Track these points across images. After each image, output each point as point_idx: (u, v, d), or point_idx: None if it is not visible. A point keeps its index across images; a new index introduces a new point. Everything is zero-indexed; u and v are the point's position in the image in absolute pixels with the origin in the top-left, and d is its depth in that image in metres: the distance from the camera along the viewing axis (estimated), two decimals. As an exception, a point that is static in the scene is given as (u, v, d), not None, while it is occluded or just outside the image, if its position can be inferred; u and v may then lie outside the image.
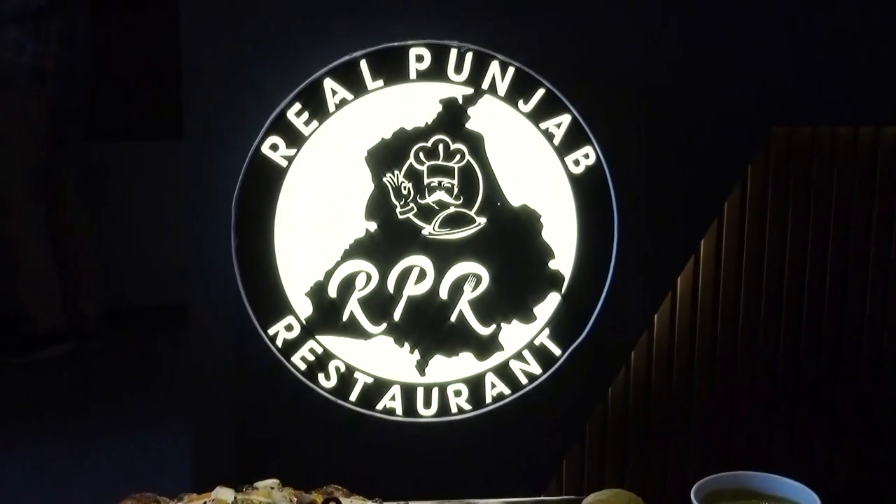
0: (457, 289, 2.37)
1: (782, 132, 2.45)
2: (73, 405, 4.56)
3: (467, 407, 2.39)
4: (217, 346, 2.41)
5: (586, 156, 2.33)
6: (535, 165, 2.35)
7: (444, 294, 2.37)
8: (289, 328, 2.34)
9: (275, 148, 2.29)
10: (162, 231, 5.36)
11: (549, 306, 2.38)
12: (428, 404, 2.38)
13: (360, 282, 2.35)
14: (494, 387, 2.39)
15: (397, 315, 2.36)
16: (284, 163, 2.30)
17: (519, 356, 2.39)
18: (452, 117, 2.32)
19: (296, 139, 2.29)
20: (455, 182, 2.34)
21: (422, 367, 2.38)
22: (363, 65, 2.28)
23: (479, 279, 2.37)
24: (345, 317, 2.35)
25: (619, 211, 2.34)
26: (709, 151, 2.44)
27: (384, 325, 2.37)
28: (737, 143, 2.45)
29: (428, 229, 2.35)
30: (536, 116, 2.31)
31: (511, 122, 2.32)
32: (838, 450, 2.57)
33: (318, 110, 2.28)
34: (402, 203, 2.34)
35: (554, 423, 2.47)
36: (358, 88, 2.29)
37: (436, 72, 2.29)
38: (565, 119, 2.31)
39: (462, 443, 2.42)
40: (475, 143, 2.33)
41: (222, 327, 2.39)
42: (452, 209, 2.35)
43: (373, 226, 2.34)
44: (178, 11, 2.32)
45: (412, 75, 2.29)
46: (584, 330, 2.38)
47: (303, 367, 2.35)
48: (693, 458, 2.52)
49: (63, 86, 4.85)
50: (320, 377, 2.36)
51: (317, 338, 2.35)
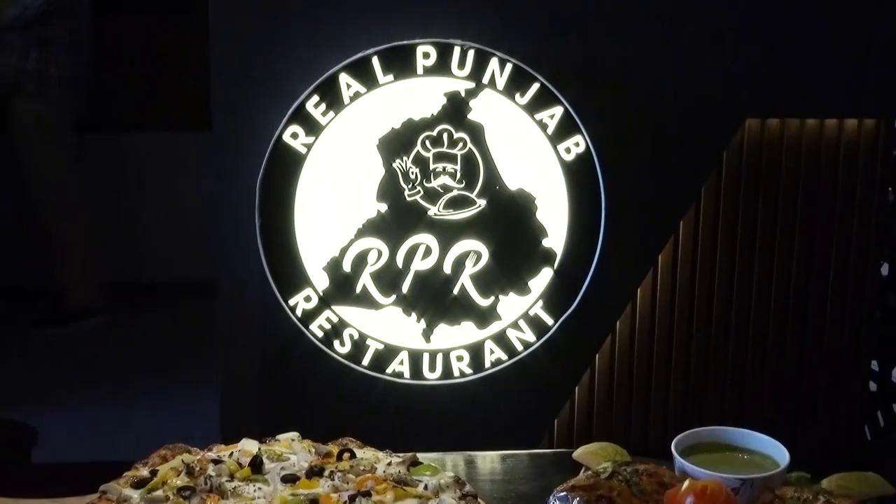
0: (459, 264, 2.37)
1: (754, 123, 2.44)
2: (118, 369, 4.61)
3: (468, 371, 2.39)
4: (243, 315, 2.41)
5: (577, 144, 2.32)
6: (531, 153, 2.34)
7: (447, 269, 2.37)
8: (307, 299, 2.34)
9: (295, 136, 2.28)
10: (193, 213, 5.37)
11: (542, 280, 2.38)
12: (433, 368, 2.39)
13: (372, 257, 2.35)
14: (493, 353, 2.39)
15: (405, 288, 2.36)
16: (304, 150, 2.29)
17: (515, 325, 2.39)
18: (456, 109, 2.31)
19: (314, 128, 2.29)
20: (458, 167, 2.33)
21: (427, 334, 2.38)
22: (375, 61, 2.27)
23: (479, 256, 2.37)
24: (358, 289, 2.35)
25: (606, 194, 2.34)
26: (687, 141, 2.43)
27: (393, 297, 2.37)
28: (713, 133, 2.44)
29: (433, 210, 2.35)
30: (532, 108, 2.31)
31: (509, 114, 2.32)
32: (802, 407, 2.57)
33: (334, 102, 2.28)
34: (409, 186, 2.33)
35: (546, 386, 2.47)
36: (370, 82, 2.28)
37: (441, 68, 2.28)
38: (558, 111, 2.31)
39: (463, 403, 2.42)
40: (476, 133, 2.32)
41: (248, 298, 2.38)
42: (455, 192, 2.34)
43: (383, 207, 2.34)
44: (208, 16, 2.31)
45: (419, 71, 2.28)
46: (574, 302, 2.38)
47: (320, 334, 2.35)
48: (672, 416, 2.52)
49: (66, 88, 4.82)
50: (336, 344, 2.36)
51: (333, 308, 2.35)
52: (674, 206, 2.47)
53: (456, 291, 2.37)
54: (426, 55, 2.27)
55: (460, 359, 2.38)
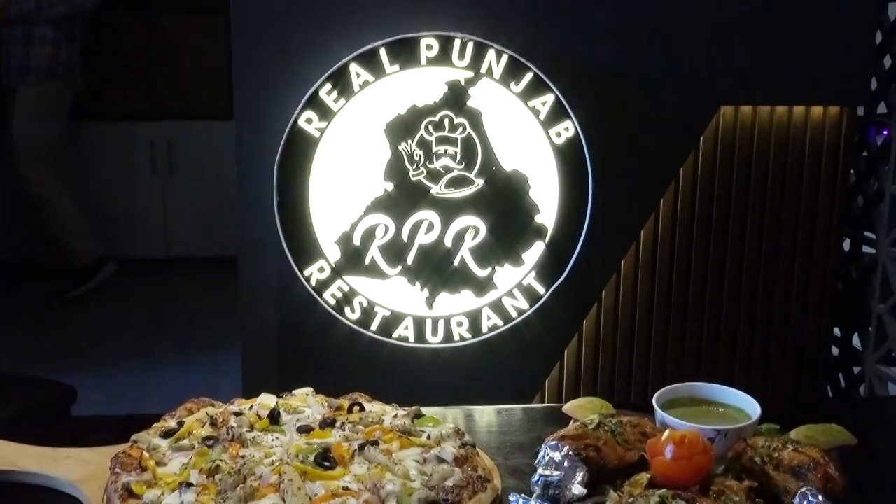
0: (459, 238, 2.35)
1: (729, 110, 2.43)
2: (151, 335, 4.65)
3: (467, 335, 2.38)
4: (263, 285, 2.40)
5: (566, 129, 2.30)
6: (524, 136, 2.32)
7: (448, 242, 2.35)
8: (321, 270, 2.33)
9: (309, 121, 2.26)
10: (217, 192, 5.37)
11: (534, 253, 2.37)
12: (435, 333, 2.38)
13: (380, 232, 2.33)
14: (489, 319, 2.38)
15: (410, 259, 2.35)
16: (317, 134, 2.27)
17: (510, 294, 2.37)
18: (456, 96, 2.29)
19: (327, 114, 2.27)
20: (458, 150, 2.31)
21: (430, 302, 2.37)
22: (382, 52, 2.25)
23: (477, 230, 2.36)
24: (367, 261, 2.34)
25: (593, 175, 2.32)
26: (668, 126, 2.41)
27: (399, 268, 2.35)
28: (690, 119, 2.42)
29: (435, 189, 2.33)
30: (525, 96, 2.29)
31: (504, 101, 2.29)
32: (771, 369, 2.56)
33: (345, 90, 2.26)
34: (414, 167, 2.31)
35: (538, 348, 2.46)
36: (378, 72, 2.26)
37: (442, 58, 2.26)
38: (549, 98, 2.29)
39: (463, 364, 2.42)
40: (475, 118, 2.30)
41: (267, 269, 2.37)
42: (455, 172, 2.32)
43: (390, 186, 2.32)
44: (230, 15, 2.30)
45: (423, 61, 2.26)
46: (563, 272, 2.37)
47: (332, 302, 2.34)
48: (652, 375, 2.51)
49: (84, 75, 4.98)
50: (346, 310, 2.35)
51: (344, 278, 2.34)
52: (654, 185, 2.45)
53: (456, 263, 2.36)
54: (429, 47, 2.25)
55: (460, 324, 2.37)
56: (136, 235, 5.62)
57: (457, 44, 2.25)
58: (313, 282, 2.33)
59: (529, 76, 2.27)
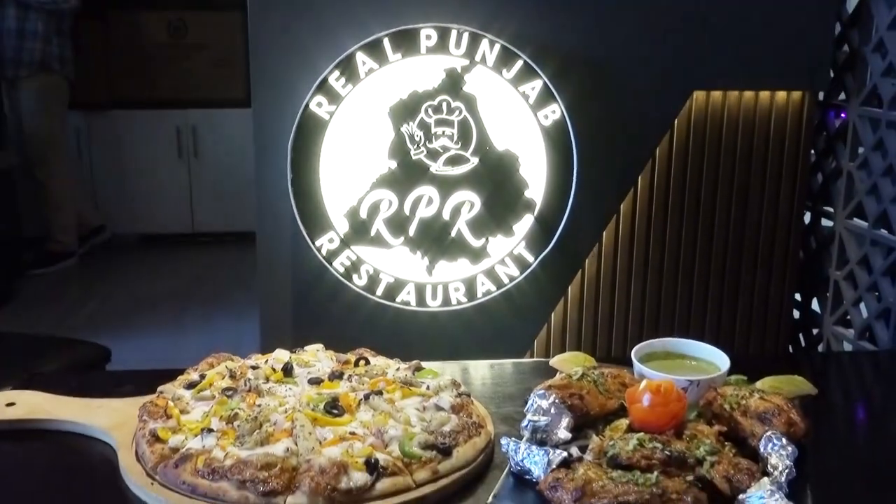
0: (456, 211, 2.33)
1: (701, 95, 2.40)
2: (181, 300, 4.65)
3: (464, 300, 2.37)
4: (278, 254, 2.38)
5: (553, 112, 2.28)
6: (515, 119, 2.29)
7: (446, 216, 2.33)
8: (331, 241, 2.31)
9: (320, 105, 2.24)
10: (237, 172, 5.35)
11: (524, 225, 2.35)
12: (434, 298, 2.36)
13: (384, 206, 2.31)
14: (483, 285, 2.36)
15: (412, 231, 2.33)
16: (327, 116, 2.25)
17: (502, 262, 2.36)
18: (453, 82, 2.26)
19: (335, 98, 2.24)
20: (455, 131, 2.29)
21: (430, 270, 2.35)
22: (386, 42, 2.22)
23: (472, 204, 2.34)
24: (372, 232, 2.32)
25: (578, 154, 2.30)
26: (645, 109, 2.39)
27: (402, 239, 2.34)
28: (666, 103, 2.40)
29: (434, 167, 2.31)
30: (516, 82, 2.26)
31: (497, 86, 2.27)
32: (738, 331, 2.55)
33: (352, 76, 2.23)
34: (415, 147, 2.29)
35: (528, 311, 2.45)
36: (382, 60, 2.23)
37: (440, 48, 2.23)
38: (538, 84, 2.26)
39: (460, 326, 2.41)
40: (470, 102, 2.28)
41: (282, 240, 2.36)
42: (453, 152, 2.30)
43: (393, 164, 2.30)
44: (247, 11, 2.27)
45: (423, 50, 2.23)
46: (550, 243, 2.35)
47: (341, 269, 2.32)
48: (630, 334, 2.50)
49: (74, 68, 4.92)
50: (354, 277, 2.33)
51: (352, 248, 2.32)
52: (633, 164, 2.43)
53: (453, 234, 2.34)
54: (428, 37, 2.22)
55: (457, 290, 2.36)
56: (164, 213, 5.61)
57: (454, 34, 2.22)
58: (324, 251, 2.31)
59: (520, 64, 2.24)
